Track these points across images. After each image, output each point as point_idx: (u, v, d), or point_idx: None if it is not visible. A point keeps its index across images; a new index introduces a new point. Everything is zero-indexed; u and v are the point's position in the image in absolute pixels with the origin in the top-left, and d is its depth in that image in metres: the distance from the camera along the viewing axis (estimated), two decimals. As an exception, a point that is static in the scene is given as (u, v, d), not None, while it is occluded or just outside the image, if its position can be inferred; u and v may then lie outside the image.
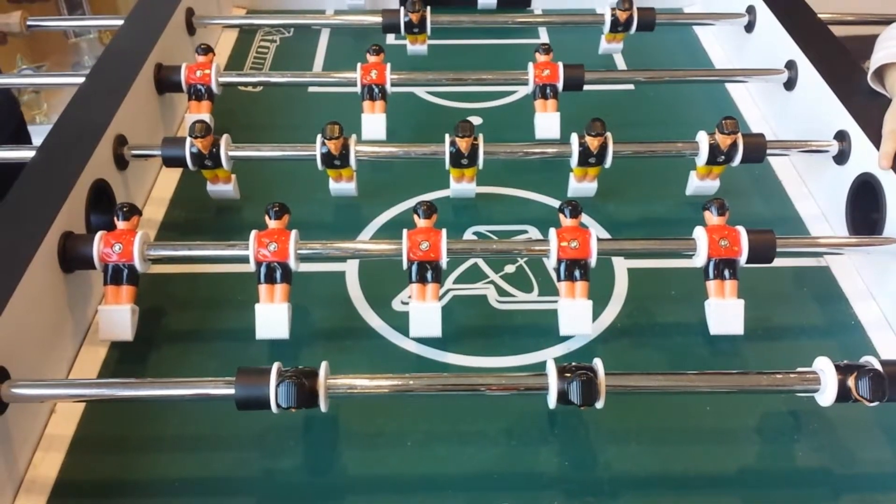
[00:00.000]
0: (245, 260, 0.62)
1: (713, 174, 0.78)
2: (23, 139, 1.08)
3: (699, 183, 0.79)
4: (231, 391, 0.51)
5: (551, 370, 0.52)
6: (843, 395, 0.52)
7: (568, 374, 0.51)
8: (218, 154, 0.73)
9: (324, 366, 0.52)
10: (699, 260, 0.64)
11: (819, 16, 0.93)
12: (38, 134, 0.74)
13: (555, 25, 1.08)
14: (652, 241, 0.67)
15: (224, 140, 0.73)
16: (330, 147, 0.72)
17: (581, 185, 0.78)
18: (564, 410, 0.54)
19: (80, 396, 0.56)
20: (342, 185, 0.77)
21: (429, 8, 0.94)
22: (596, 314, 0.67)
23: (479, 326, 0.67)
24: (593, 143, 0.72)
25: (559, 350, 0.64)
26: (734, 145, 0.73)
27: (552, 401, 0.52)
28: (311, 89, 0.97)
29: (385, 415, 0.59)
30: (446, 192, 0.80)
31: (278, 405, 0.51)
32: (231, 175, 0.77)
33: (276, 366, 0.51)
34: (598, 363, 0.52)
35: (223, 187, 0.78)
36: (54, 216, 0.61)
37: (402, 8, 0.94)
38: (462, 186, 0.77)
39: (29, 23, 0.97)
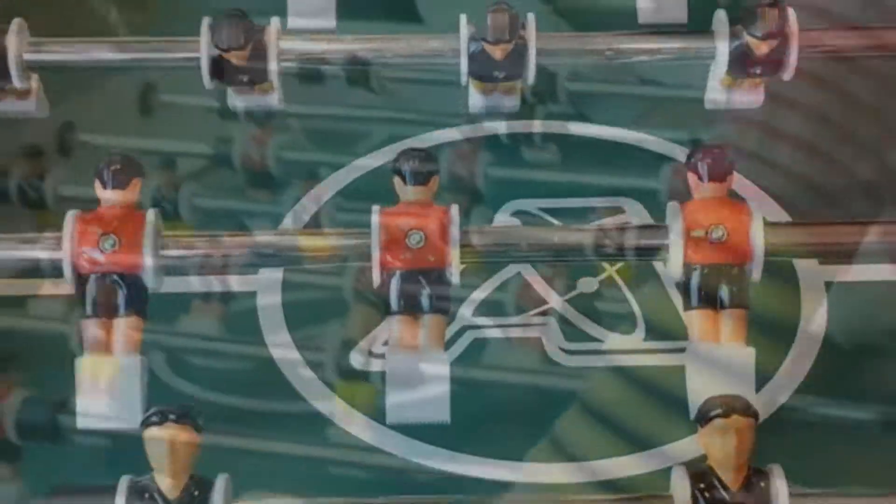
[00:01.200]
0: (57, 270, 0.63)
1: None
2: None
3: None
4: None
5: (680, 486, 0.53)
6: None
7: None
8: (4, 59, 0.74)
9: (221, 483, 0.53)
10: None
11: None
12: None
13: None
14: (872, 225, 0.68)
15: (15, 33, 0.75)
16: (231, 58, 0.74)
17: (733, 95, 0.79)
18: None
19: None
20: (256, 97, 0.79)
21: None
22: (764, 372, 0.67)
23: (527, 401, 0.68)
24: (761, 46, 0.73)
25: (691, 446, 0.64)
26: None
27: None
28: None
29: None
30: (458, 132, 0.81)
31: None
32: (32, 83, 0.78)
33: (125, 481, 0.52)
34: (776, 474, 0.53)
35: (17, 104, 0.79)
36: None
37: None
38: (493, 101, 0.79)
39: None
